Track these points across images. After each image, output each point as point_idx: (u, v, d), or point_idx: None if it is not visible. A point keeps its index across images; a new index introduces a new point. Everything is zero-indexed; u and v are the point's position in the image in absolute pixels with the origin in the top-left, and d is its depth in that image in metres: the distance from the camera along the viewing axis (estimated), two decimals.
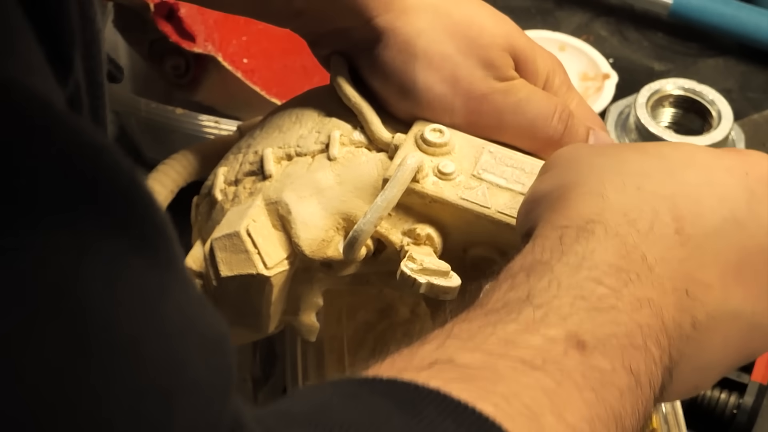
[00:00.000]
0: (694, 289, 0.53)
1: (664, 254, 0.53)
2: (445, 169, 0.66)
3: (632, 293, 0.51)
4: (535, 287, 0.51)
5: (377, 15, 0.69)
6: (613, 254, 0.52)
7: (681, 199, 0.55)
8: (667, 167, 0.56)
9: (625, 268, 0.52)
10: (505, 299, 0.51)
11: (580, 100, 0.73)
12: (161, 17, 0.92)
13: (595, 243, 0.52)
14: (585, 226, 0.53)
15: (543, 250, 0.53)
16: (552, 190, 0.57)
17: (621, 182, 0.55)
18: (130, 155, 1.01)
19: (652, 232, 0.53)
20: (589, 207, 0.54)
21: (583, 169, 0.57)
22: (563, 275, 0.51)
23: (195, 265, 0.71)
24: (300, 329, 0.70)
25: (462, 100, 0.68)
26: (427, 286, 0.62)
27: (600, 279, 0.51)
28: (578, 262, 0.52)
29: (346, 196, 0.67)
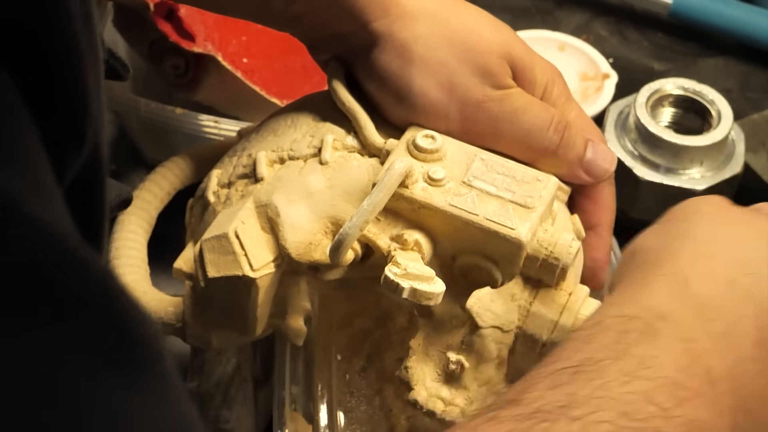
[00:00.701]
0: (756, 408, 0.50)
1: (734, 368, 0.49)
2: (435, 176, 0.65)
3: (684, 414, 0.47)
4: (577, 393, 0.47)
5: (374, 20, 0.69)
6: (673, 364, 0.48)
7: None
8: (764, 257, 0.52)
9: (683, 385, 0.48)
10: (541, 401, 0.47)
11: (579, 111, 0.72)
12: (161, 17, 0.92)
13: (658, 348, 0.48)
14: (654, 323, 0.49)
15: (601, 348, 0.49)
16: (647, 251, 0.54)
17: (713, 271, 0.51)
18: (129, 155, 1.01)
19: (726, 339, 0.49)
20: (666, 297, 0.50)
21: (686, 237, 0.53)
22: (614, 383, 0.47)
23: (186, 267, 0.71)
24: (287, 333, 0.70)
25: (457, 106, 0.68)
26: (410, 291, 0.62)
27: (652, 395, 0.47)
28: (634, 370, 0.47)
29: (336, 201, 0.68)
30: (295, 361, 0.75)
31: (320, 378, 0.75)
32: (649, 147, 0.92)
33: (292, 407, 0.73)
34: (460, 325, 0.66)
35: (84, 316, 0.36)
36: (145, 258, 0.78)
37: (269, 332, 0.72)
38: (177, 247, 0.74)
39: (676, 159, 0.92)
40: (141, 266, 0.77)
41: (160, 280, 0.78)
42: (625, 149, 0.94)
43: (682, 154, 0.92)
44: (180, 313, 0.73)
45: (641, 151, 0.93)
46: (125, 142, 1.02)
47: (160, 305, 0.74)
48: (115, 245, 0.77)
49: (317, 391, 0.74)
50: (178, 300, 0.74)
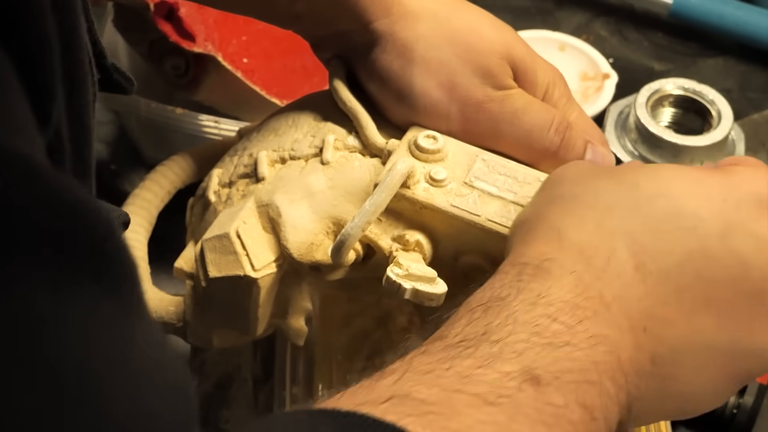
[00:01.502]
0: (653, 326, 0.54)
1: (622, 292, 0.53)
2: (437, 176, 0.65)
3: (587, 330, 0.51)
4: (492, 323, 0.51)
5: (376, 19, 0.69)
6: (568, 291, 0.53)
7: (643, 233, 0.55)
8: (635, 199, 0.56)
9: (581, 305, 0.52)
10: (463, 333, 0.51)
11: (580, 112, 0.72)
12: (161, 17, 0.92)
13: (551, 281, 0.53)
14: (542, 264, 0.54)
15: (502, 287, 0.54)
16: (527, 219, 0.58)
17: (581, 218, 0.56)
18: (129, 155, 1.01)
19: (608, 269, 0.54)
20: (547, 244, 0.55)
21: (556, 198, 0.58)
22: (519, 312, 0.52)
23: (186, 266, 0.71)
24: (288, 333, 0.70)
25: (458, 106, 0.68)
26: (412, 292, 0.62)
27: (555, 316, 0.52)
28: (534, 300, 0.52)
29: (337, 201, 0.67)
30: (295, 361, 0.75)
31: (321, 378, 0.75)
32: (649, 147, 0.93)
33: (292, 407, 0.73)
34: None
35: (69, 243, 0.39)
36: (145, 257, 0.78)
37: (270, 332, 0.72)
38: (177, 246, 0.74)
39: (676, 159, 0.92)
40: (141, 265, 0.77)
41: (161, 279, 0.78)
42: (625, 149, 0.94)
43: (682, 154, 0.92)
44: (181, 312, 0.73)
45: (641, 151, 0.93)
46: (125, 142, 1.02)
47: (160, 304, 0.74)
48: None
49: (318, 391, 0.74)
50: (178, 299, 0.74)
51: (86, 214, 0.40)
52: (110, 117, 1.04)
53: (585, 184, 0.58)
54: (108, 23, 0.97)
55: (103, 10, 0.98)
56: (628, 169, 0.60)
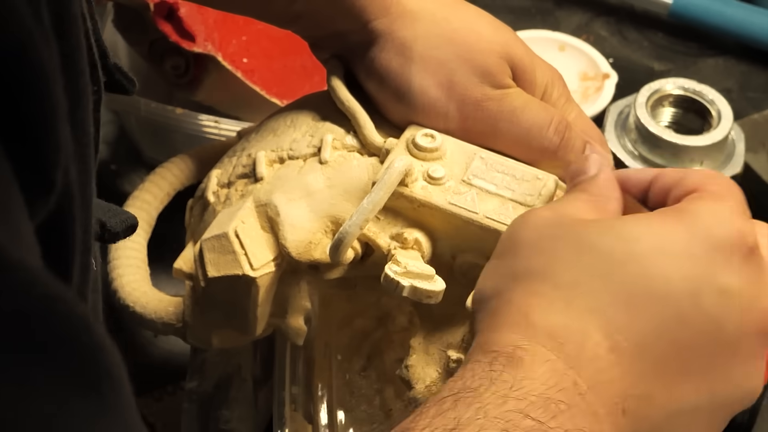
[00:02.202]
0: (632, 407, 0.52)
1: (598, 378, 0.52)
2: (435, 174, 0.66)
3: (561, 425, 0.50)
4: (462, 416, 0.49)
5: (374, 19, 0.69)
6: (541, 384, 0.51)
7: (614, 309, 0.53)
8: (601, 269, 0.54)
9: (554, 399, 0.50)
10: (431, 426, 0.49)
11: (579, 112, 0.72)
12: (161, 17, 0.92)
13: (523, 371, 0.51)
14: (514, 352, 0.52)
15: (473, 377, 0.52)
16: (490, 297, 0.56)
17: (548, 300, 0.53)
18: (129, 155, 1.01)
19: (582, 356, 0.52)
20: (516, 331, 0.53)
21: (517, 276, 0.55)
22: (490, 406, 0.50)
23: (185, 267, 0.71)
24: (287, 332, 0.70)
25: (456, 105, 0.68)
26: (410, 290, 0.62)
27: (527, 411, 0.49)
28: (506, 392, 0.50)
29: (336, 200, 0.68)
30: (295, 361, 0.75)
31: (320, 378, 0.75)
32: (649, 147, 0.92)
33: (292, 407, 0.73)
34: (460, 323, 0.66)
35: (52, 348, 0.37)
36: (144, 258, 0.78)
37: (269, 332, 0.72)
38: (177, 247, 0.74)
39: (676, 159, 0.92)
40: (141, 266, 0.77)
41: (161, 280, 0.78)
42: (625, 149, 0.94)
43: (682, 154, 0.92)
44: (180, 313, 0.73)
45: (641, 151, 0.93)
46: (125, 142, 1.02)
47: (160, 305, 0.74)
48: (114, 246, 0.77)
49: (317, 391, 0.74)
50: (178, 300, 0.74)
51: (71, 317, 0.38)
52: (110, 117, 1.04)
53: (546, 254, 0.55)
54: (108, 23, 0.97)
55: (103, 10, 0.98)
56: (588, 232, 0.56)
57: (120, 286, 0.75)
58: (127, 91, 0.62)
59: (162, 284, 0.78)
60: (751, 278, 0.55)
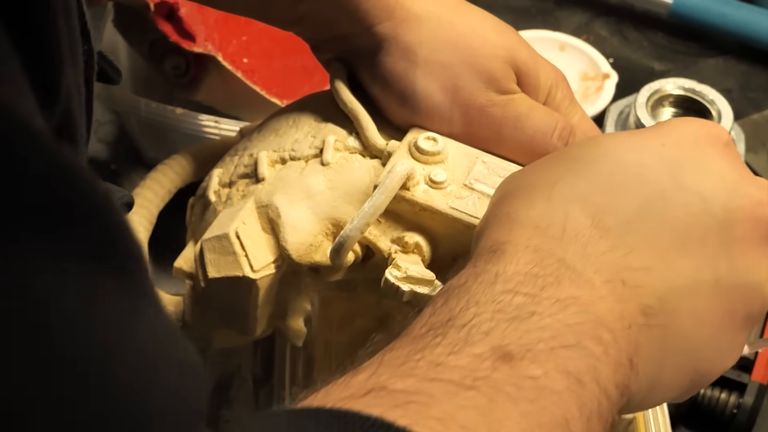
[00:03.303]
0: (631, 277, 0.52)
1: (585, 251, 0.52)
2: (437, 178, 0.65)
3: (552, 296, 0.50)
4: (454, 309, 0.51)
5: (379, 22, 0.69)
6: (525, 265, 0.52)
7: (593, 194, 0.54)
8: (576, 167, 0.56)
9: (540, 274, 0.51)
10: (428, 324, 0.51)
11: (582, 115, 0.72)
12: (161, 17, 0.92)
13: (506, 259, 0.52)
14: (495, 247, 0.53)
15: (459, 277, 0.53)
16: (479, 231, 0.57)
17: (529, 198, 0.55)
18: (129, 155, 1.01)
19: (566, 235, 0.53)
20: (500, 231, 0.54)
21: (504, 196, 0.57)
22: (479, 293, 0.51)
23: (186, 266, 0.71)
24: (287, 333, 0.70)
25: (461, 110, 0.68)
26: (411, 294, 0.62)
27: (516, 289, 0.51)
28: (492, 279, 0.51)
29: (337, 202, 0.67)
30: (295, 361, 0.75)
31: (320, 378, 0.75)
32: None
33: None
34: None
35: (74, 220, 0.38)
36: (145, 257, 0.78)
37: (269, 332, 0.72)
38: (178, 246, 0.74)
39: None
40: None
41: (161, 278, 0.78)
42: None
43: None
44: (180, 312, 0.73)
45: None
46: (125, 142, 1.02)
47: None
48: None
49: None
50: (177, 299, 0.74)
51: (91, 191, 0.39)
52: (110, 117, 1.04)
53: (527, 173, 0.58)
54: (108, 23, 0.97)
55: (103, 10, 0.98)
56: (564, 149, 0.61)
57: None
58: (112, 80, 0.62)
59: (162, 283, 0.78)
60: (734, 166, 0.56)
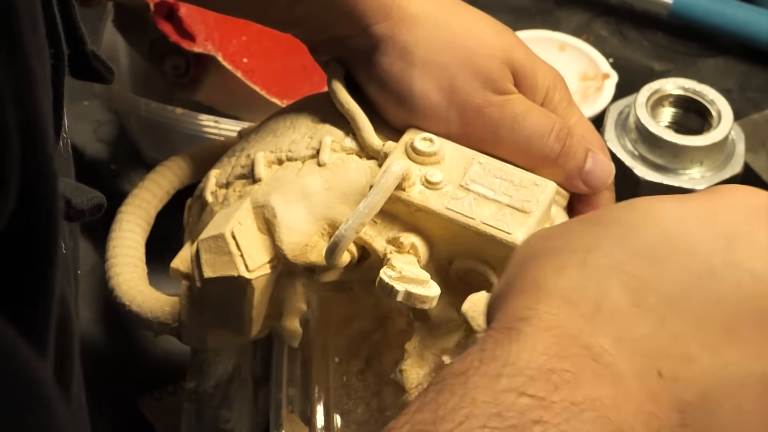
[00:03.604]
0: (670, 367, 0.45)
1: (619, 335, 0.45)
2: (433, 179, 0.65)
3: (566, 398, 0.43)
4: (445, 406, 0.43)
5: (376, 23, 0.69)
6: (542, 354, 0.44)
7: (636, 265, 0.47)
8: (618, 233, 0.49)
9: (557, 369, 0.44)
10: (412, 422, 0.44)
11: (580, 116, 0.72)
12: (161, 17, 0.92)
13: (521, 344, 0.45)
14: (513, 325, 0.46)
15: (462, 362, 0.45)
16: (498, 294, 0.51)
17: (560, 264, 0.48)
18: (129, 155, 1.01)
19: (600, 313, 0.46)
20: (523, 302, 0.47)
21: (529, 257, 0.50)
22: (478, 390, 0.43)
23: (183, 267, 0.71)
24: (283, 334, 0.70)
25: (458, 111, 0.68)
26: (405, 295, 0.62)
27: (523, 388, 0.43)
28: (498, 371, 0.44)
29: (333, 202, 0.67)
30: (292, 362, 0.75)
31: (317, 380, 0.75)
32: (649, 147, 0.92)
33: (288, 409, 0.73)
34: (455, 328, 0.66)
35: None
36: (142, 257, 0.78)
37: (265, 333, 0.72)
38: (177, 246, 0.74)
39: (676, 159, 0.92)
40: (138, 265, 0.77)
41: (160, 279, 0.78)
42: (625, 149, 0.94)
43: (682, 154, 0.92)
44: (176, 312, 0.73)
45: (641, 151, 0.93)
46: (125, 142, 1.03)
47: (156, 304, 0.74)
48: (112, 244, 0.77)
49: (314, 392, 0.74)
50: (174, 299, 0.74)
51: None
52: (110, 117, 1.05)
53: (558, 233, 0.51)
54: (108, 23, 0.97)
55: (103, 10, 0.99)
56: (602, 210, 0.54)
57: (117, 284, 0.76)
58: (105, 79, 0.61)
59: (161, 283, 0.78)
60: None
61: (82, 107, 1.05)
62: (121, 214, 0.79)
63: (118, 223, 0.78)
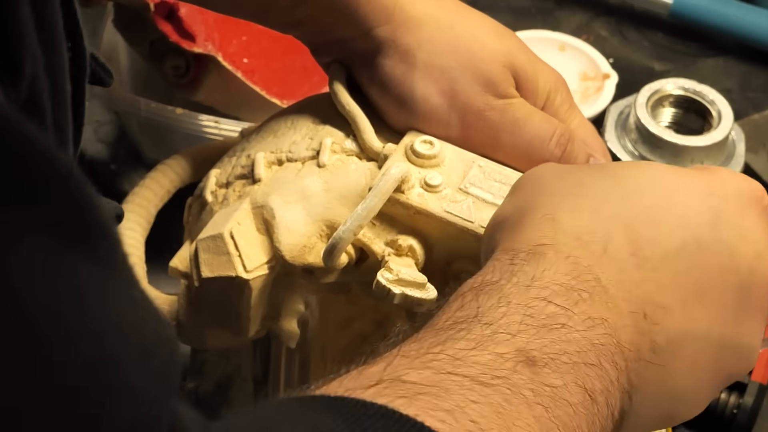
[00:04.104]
0: (653, 312, 0.53)
1: (619, 276, 0.53)
2: (432, 182, 0.65)
3: (584, 312, 0.51)
4: (484, 306, 0.50)
5: (378, 25, 0.69)
6: (564, 275, 0.52)
7: (638, 221, 0.55)
8: (625, 190, 0.56)
9: (576, 288, 0.51)
10: (454, 318, 0.50)
11: (581, 120, 0.72)
12: (161, 17, 0.92)
13: (546, 264, 0.52)
14: (536, 249, 0.53)
15: (494, 272, 0.52)
16: (511, 214, 0.57)
17: (576, 206, 0.55)
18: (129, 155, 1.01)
19: (606, 255, 0.53)
20: (542, 231, 0.54)
21: (543, 192, 0.57)
22: (512, 294, 0.51)
23: (181, 266, 0.71)
24: (280, 335, 0.70)
25: (458, 114, 0.68)
26: (402, 297, 0.62)
27: (550, 298, 0.51)
28: (528, 282, 0.51)
29: (332, 204, 0.67)
30: (290, 363, 0.75)
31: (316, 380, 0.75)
32: (649, 147, 0.92)
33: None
34: None
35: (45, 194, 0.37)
36: (142, 256, 0.78)
37: (263, 333, 0.72)
38: (177, 245, 0.74)
39: (676, 159, 0.92)
40: (137, 264, 0.77)
41: (160, 278, 0.78)
42: (625, 149, 0.94)
43: (682, 154, 0.92)
44: (174, 311, 0.73)
45: (641, 151, 0.93)
46: (125, 142, 1.03)
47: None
48: None
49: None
50: (173, 298, 0.74)
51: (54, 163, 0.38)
52: (110, 117, 1.05)
53: (572, 179, 0.58)
54: (108, 23, 0.97)
55: (103, 10, 0.99)
56: (612, 166, 0.60)
57: None
58: (105, 83, 0.62)
59: (161, 282, 0.78)
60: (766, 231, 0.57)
61: None
62: None
63: None
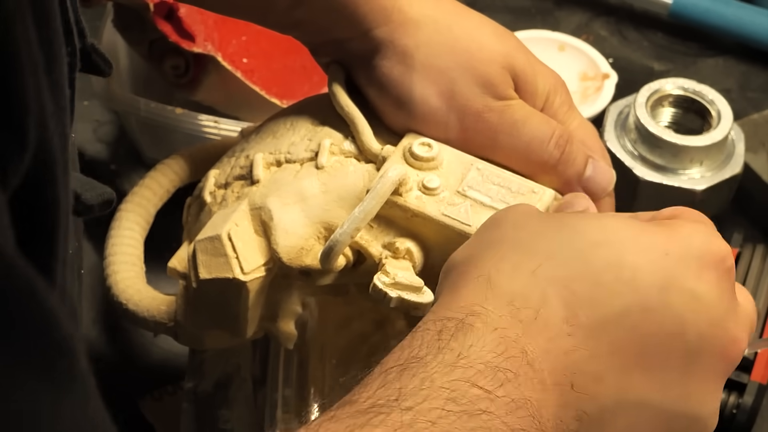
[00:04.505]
0: (582, 382, 0.51)
1: (548, 345, 0.51)
2: (430, 184, 0.65)
3: (508, 394, 0.49)
4: (406, 387, 0.49)
5: (376, 26, 0.69)
6: (490, 351, 0.50)
7: (580, 283, 0.52)
8: (577, 247, 0.54)
9: (501, 367, 0.50)
10: (375, 397, 0.49)
11: (581, 121, 0.72)
12: (161, 17, 0.92)
13: (473, 339, 0.50)
14: (466, 319, 0.51)
15: (421, 345, 0.51)
16: (460, 263, 0.55)
17: (517, 264, 0.53)
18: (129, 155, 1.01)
19: (536, 322, 0.51)
20: (475, 295, 0.52)
21: (493, 242, 0.55)
22: (437, 374, 0.49)
23: (180, 266, 0.71)
24: (278, 336, 0.70)
25: (457, 115, 0.68)
26: (398, 301, 0.62)
27: (474, 379, 0.49)
28: (454, 360, 0.50)
29: (330, 206, 0.67)
30: (289, 363, 0.75)
31: (314, 381, 0.75)
32: (649, 147, 0.92)
33: (284, 409, 0.73)
34: None
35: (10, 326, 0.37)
36: (140, 255, 0.78)
37: (261, 334, 0.72)
38: (176, 245, 0.74)
39: (676, 159, 0.92)
40: (136, 264, 0.77)
41: (159, 278, 0.78)
42: (625, 149, 0.94)
43: (682, 154, 0.92)
44: (172, 312, 0.73)
45: (641, 151, 0.93)
46: (125, 142, 1.02)
47: (152, 303, 0.74)
48: (111, 242, 0.77)
49: (310, 393, 0.74)
50: (171, 299, 0.74)
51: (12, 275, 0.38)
52: (110, 117, 1.04)
53: (525, 229, 0.56)
54: (108, 23, 0.97)
55: (103, 10, 0.98)
56: (573, 216, 0.58)
57: (114, 282, 0.76)
58: (103, 72, 0.62)
59: (160, 282, 0.78)
60: (724, 297, 0.55)
61: (82, 107, 1.05)
62: (121, 212, 0.79)
63: (118, 221, 0.78)
